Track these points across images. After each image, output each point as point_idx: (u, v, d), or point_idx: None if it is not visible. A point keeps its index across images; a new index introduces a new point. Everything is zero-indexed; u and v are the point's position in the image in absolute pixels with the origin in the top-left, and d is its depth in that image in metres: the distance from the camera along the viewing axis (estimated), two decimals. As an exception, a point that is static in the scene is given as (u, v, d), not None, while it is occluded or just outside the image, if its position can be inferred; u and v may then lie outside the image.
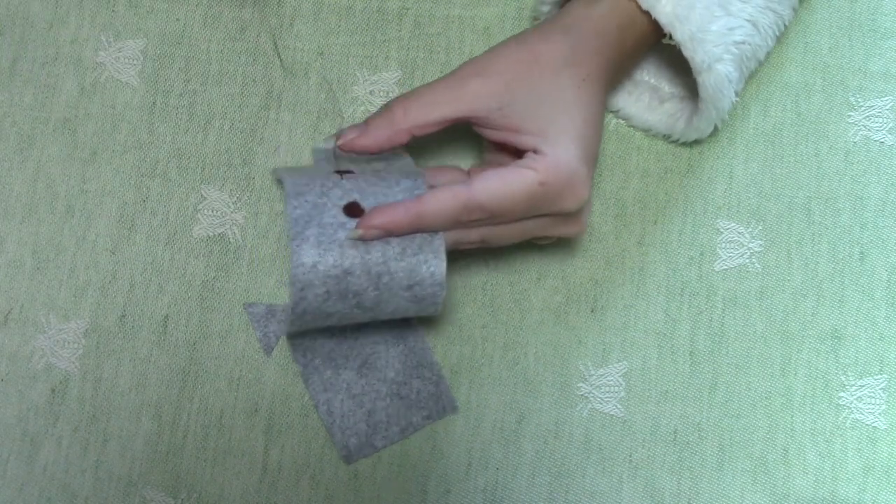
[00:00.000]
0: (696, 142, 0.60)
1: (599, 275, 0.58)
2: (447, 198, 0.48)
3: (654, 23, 0.52)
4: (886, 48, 0.62)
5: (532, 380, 0.57)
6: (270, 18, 0.62)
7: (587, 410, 0.56)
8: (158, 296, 0.58)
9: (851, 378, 0.57)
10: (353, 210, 0.49)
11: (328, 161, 0.53)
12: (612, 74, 0.53)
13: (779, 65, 0.62)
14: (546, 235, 0.53)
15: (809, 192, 0.60)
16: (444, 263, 0.49)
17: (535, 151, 0.49)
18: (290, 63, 0.59)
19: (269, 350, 0.57)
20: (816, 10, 0.63)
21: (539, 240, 0.54)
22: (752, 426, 0.56)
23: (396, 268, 0.49)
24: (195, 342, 0.57)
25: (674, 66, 0.59)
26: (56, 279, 0.58)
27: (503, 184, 0.48)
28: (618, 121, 0.61)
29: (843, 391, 0.57)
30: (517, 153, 0.50)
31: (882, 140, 0.61)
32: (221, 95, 0.61)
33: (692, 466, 0.56)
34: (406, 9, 0.62)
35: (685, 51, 0.52)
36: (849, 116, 0.61)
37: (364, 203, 0.49)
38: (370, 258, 0.48)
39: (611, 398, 0.56)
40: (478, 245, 0.51)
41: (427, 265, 0.49)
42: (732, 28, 0.53)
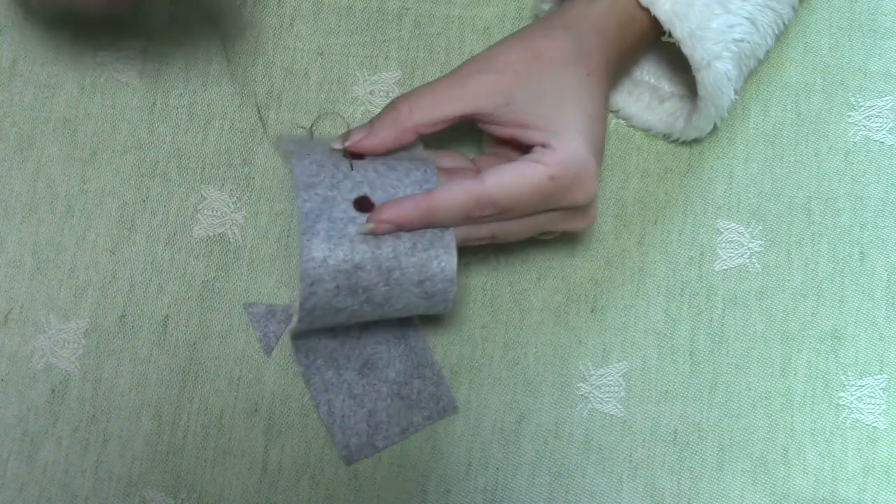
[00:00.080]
0: (696, 142, 0.60)
1: (599, 275, 0.58)
2: (459, 192, 0.48)
3: (654, 20, 0.52)
4: (886, 48, 0.62)
5: (532, 380, 0.57)
6: (270, 19, 0.62)
7: (587, 410, 0.56)
8: (158, 296, 0.58)
9: (851, 378, 0.57)
10: (364, 204, 0.48)
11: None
12: (613, 71, 0.53)
13: (779, 65, 0.62)
14: (554, 230, 0.53)
15: (809, 192, 0.60)
16: (455, 259, 0.49)
17: (544, 146, 0.49)
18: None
19: (269, 350, 0.57)
20: (816, 10, 0.63)
21: (544, 235, 0.54)
22: (752, 426, 0.56)
23: (407, 263, 0.48)
24: (195, 342, 0.57)
25: (673, 66, 0.59)
26: (56, 279, 0.58)
27: (514, 178, 0.48)
28: (618, 121, 0.61)
29: (843, 391, 0.57)
30: (521, 148, 0.50)
31: (882, 140, 0.61)
32: (221, 95, 0.61)
33: (692, 466, 0.56)
34: (406, 9, 0.62)
35: (684, 48, 0.52)
36: (849, 116, 0.61)
37: (374, 196, 0.49)
38: (381, 253, 0.48)
39: (611, 398, 0.56)
40: (487, 241, 0.51)
41: (438, 260, 0.49)
42: (732, 26, 0.53)
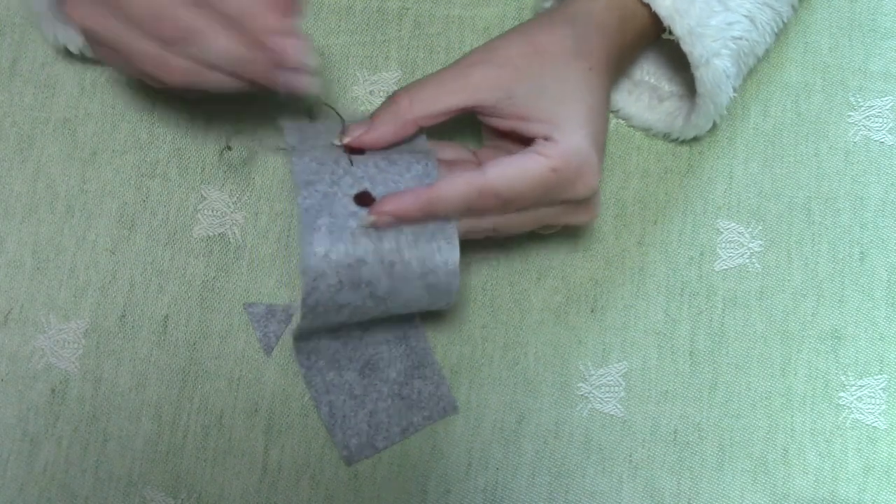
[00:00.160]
0: (696, 142, 0.60)
1: (599, 275, 0.58)
2: (461, 184, 0.48)
3: (654, 16, 0.52)
4: (886, 48, 0.62)
5: (532, 380, 0.57)
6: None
7: (587, 410, 0.56)
8: (158, 296, 0.58)
9: (851, 378, 0.57)
10: (364, 199, 0.48)
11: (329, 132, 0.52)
12: (615, 66, 0.53)
13: (779, 65, 0.62)
14: (556, 224, 0.52)
15: (809, 192, 0.60)
16: (458, 251, 0.48)
17: (546, 139, 0.49)
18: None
19: (269, 350, 0.57)
20: (816, 10, 0.63)
21: (546, 228, 0.54)
22: (752, 426, 0.56)
23: (410, 256, 0.48)
24: (195, 342, 0.57)
25: (673, 66, 0.59)
26: (56, 279, 0.58)
27: (516, 170, 0.48)
28: (618, 121, 0.61)
29: (843, 391, 0.57)
30: (521, 141, 0.50)
31: (882, 140, 0.61)
32: (221, 95, 0.60)
33: (692, 466, 0.56)
34: (406, 9, 0.62)
35: (684, 45, 0.52)
36: (849, 116, 0.61)
37: (375, 191, 0.48)
38: (383, 246, 0.47)
39: (611, 398, 0.56)
40: (489, 234, 0.51)
41: (441, 252, 0.48)
42: (731, 23, 0.53)
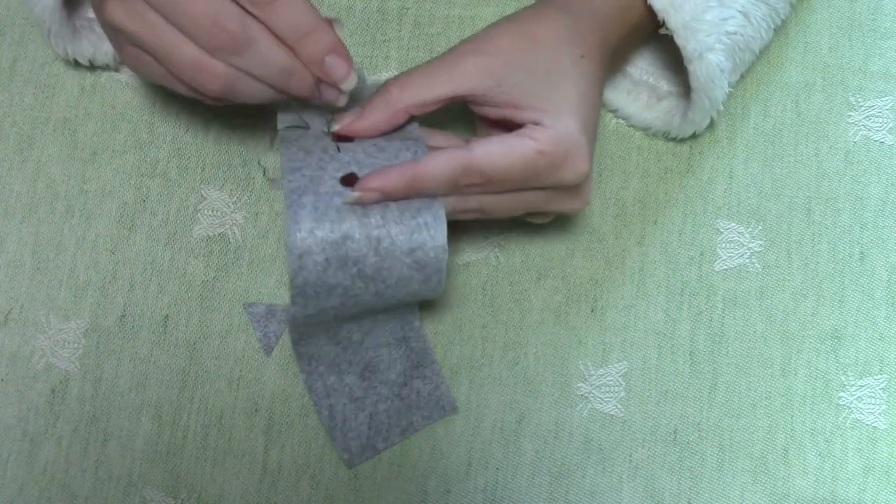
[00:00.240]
0: (696, 142, 0.60)
1: (599, 275, 0.58)
2: (445, 160, 0.48)
3: (651, 9, 0.52)
4: (886, 48, 0.62)
5: (532, 380, 0.57)
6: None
7: (587, 410, 0.56)
8: (158, 296, 0.58)
9: (851, 378, 0.57)
10: (351, 181, 0.48)
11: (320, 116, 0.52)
12: (609, 55, 0.52)
13: (779, 65, 0.62)
14: (546, 210, 0.52)
15: (809, 192, 0.60)
16: (445, 226, 0.48)
17: (536, 123, 0.49)
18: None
19: (269, 350, 0.57)
20: (816, 10, 0.63)
21: (537, 217, 0.54)
22: (752, 426, 0.56)
23: (396, 231, 0.48)
24: (195, 342, 0.57)
25: (672, 66, 0.59)
26: (56, 279, 0.58)
27: (503, 149, 0.48)
28: (618, 120, 0.61)
29: (843, 391, 0.57)
30: (513, 129, 0.50)
31: (882, 140, 0.61)
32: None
33: (692, 466, 0.56)
34: (406, 9, 0.62)
35: (677, 38, 0.52)
36: (849, 116, 0.61)
37: (361, 175, 0.48)
38: (369, 221, 0.47)
39: (611, 398, 0.56)
40: (477, 215, 0.51)
41: (427, 228, 0.48)
42: (725, 18, 0.53)
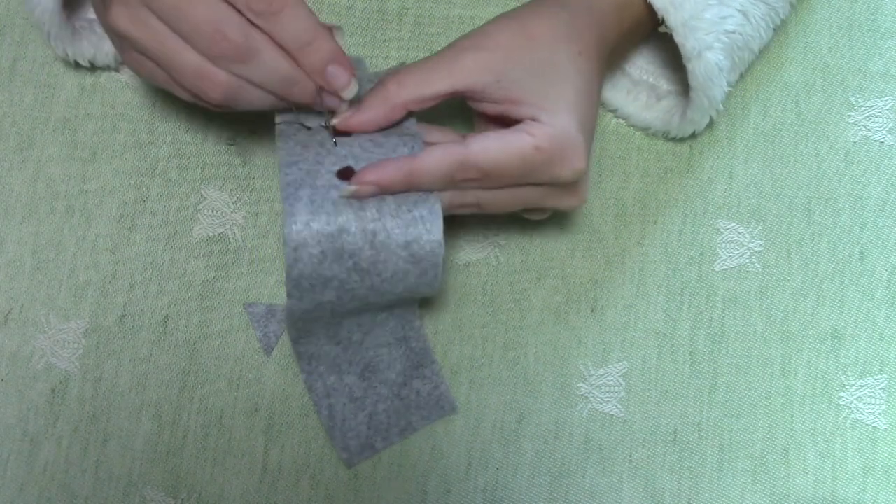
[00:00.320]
0: (696, 142, 0.60)
1: (599, 275, 0.58)
2: (442, 155, 0.48)
3: (651, 7, 0.52)
4: (886, 48, 0.62)
5: (532, 380, 0.57)
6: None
7: (587, 410, 0.56)
8: (158, 296, 0.58)
9: (851, 378, 0.57)
10: (347, 174, 0.48)
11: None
12: (607, 53, 0.52)
13: (779, 65, 0.62)
14: (543, 207, 0.52)
15: (809, 192, 0.60)
16: (441, 220, 0.48)
17: (533, 119, 0.49)
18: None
19: (269, 350, 0.57)
20: (816, 10, 0.63)
21: (534, 213, 0.54)
22: (752, 426, 0.56)
23: (392, 224, 0.48)
24: (195, 342, 0.57)
25: (672, 65, 0.59)
26: (56, 279, 0.58)
27: (499, 144, 0.48)
28: (617, 120, 0.61)
29: (843, 391, 0.57)
30: (511, 125, 0.50)
31: (882, 140, 0.61)
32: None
33: (692, 466, 0.56)
34: (406, 9, 0.62)
35: (676, 37, 0.52)
36: (849, 116, 0.61)
37: (358, 169, 0.48)
38: (365, 215, 0.47)
39: (611, 398, 0.56)
40: (473, 210, 0.51)
41: (423, 221, 0.48)
42: (724, 17, 0.53)
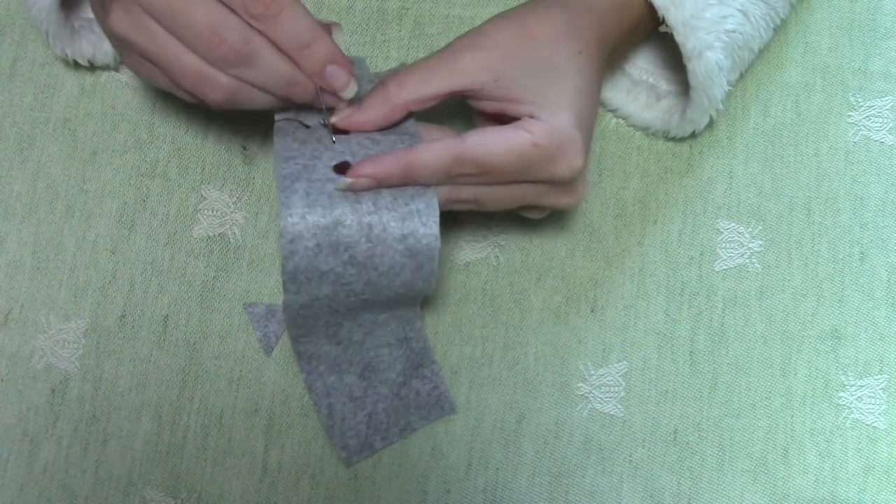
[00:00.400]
0: (696, 142, 0.60)
1: (599, 275, 0.58)
2: (439, 149, 0.48)
3: (651, 6, 0.52)
4: (886, 48, 0.62)
5: (532, 380, 0.57)
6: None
7: (587, 410, 0.56)
8: (158, 296, 0.58)
9: (851, 378, 0.57)
10: (344, 169, 0.48)
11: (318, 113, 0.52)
12: (607, 52, 0.52)
13: (779, 65, 0.62)
14: (540, 205, 0.52)
15: (809, 192, 0.60)
16: (437, 214, 0.48)
17: (531, 117, 0.49)
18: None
19: (269, 350, 0.57)
20: (816, 10, 0.63)
21: (531, 211, 0.54)
22: (752, 426, 0.56)
23: (388, 218, 0.47)
24: (195, 342, 0.57)
25: (671, 64, 0.59)
26: (56, 279, 0.58)
27: (497, 140, 0.48)
28: (617, 120, 0.61)
29: (843, 391, 0.57)
30: (510, 123, 0.50)
31: (882, 140, 0.61)
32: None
33: (692, 466, 0.56)
34: (406, 9, 0.62)
35: (677, 36, 0.52)
36: (849, 116, 0.61)
37: (354, 163, 0.48)
38: (361, 208, 0.47)
39: (611, 398, 0.56)
40: (471, 206, 0.51)
41: (420, 215, 0.48)
42: (725, 16, 0.53)
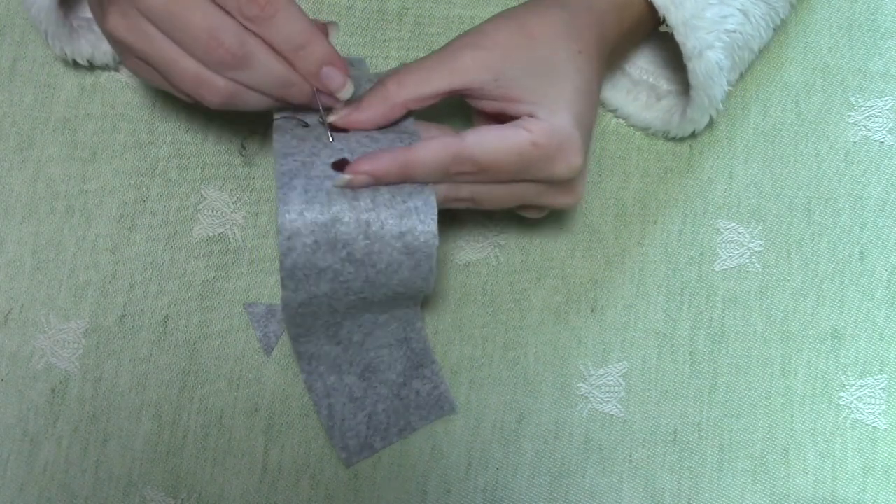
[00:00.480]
0: (696, 142, 0.60)
1: (599, 275, 0.58)
2: (438, 147, 0.48)
3: (651, 6, 0.52)
4: (886, 48, 0.62)
5: (532, 380, 0.57)
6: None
7: (587, 410, 0.56)
8: (158, 296, 0.58)
9: (851, 378, 0.57)
10: (342, 166, 0.48)
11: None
12: (607, 52, 0.52)
13: (779, 65, 0.62)
14: (539, 204, 0.52)
15: (809, 192, 0.60)
16: (435, 212, 0.48)
17: (530, 116, 0.49)
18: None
19: (269, 350, 0.57)
20: (816, 10, 0.63)
21: (530, 211, 0.54)
22: (752, 426, 0.56)
23: (386, 215, 0.47)
24: (195, 342, 0.57)
25: (671, 64, 0.59)
26: (56, 279, 0.58)
27: (496, 138, 0.48)
28: (617, 120, 0.61)
29: (843, 391, 0.57)
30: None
31: (882, 140, 0.61)
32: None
33: (692, 466, 0.56)
34: (406, 9, 0.62)
35: (677, 36, 0.52)
36: (849, 116, 0.61)
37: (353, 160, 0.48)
38: (358, 204, 0.47)
39: (611, 398, 0.56)
40: (469, 204, 0.51)
41: (417, 212, 0.48)
42: (725, 16, 0.53)
